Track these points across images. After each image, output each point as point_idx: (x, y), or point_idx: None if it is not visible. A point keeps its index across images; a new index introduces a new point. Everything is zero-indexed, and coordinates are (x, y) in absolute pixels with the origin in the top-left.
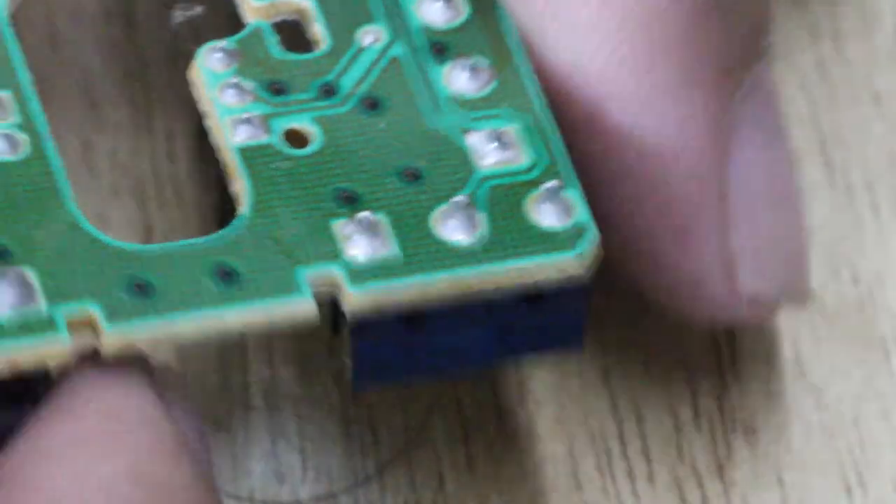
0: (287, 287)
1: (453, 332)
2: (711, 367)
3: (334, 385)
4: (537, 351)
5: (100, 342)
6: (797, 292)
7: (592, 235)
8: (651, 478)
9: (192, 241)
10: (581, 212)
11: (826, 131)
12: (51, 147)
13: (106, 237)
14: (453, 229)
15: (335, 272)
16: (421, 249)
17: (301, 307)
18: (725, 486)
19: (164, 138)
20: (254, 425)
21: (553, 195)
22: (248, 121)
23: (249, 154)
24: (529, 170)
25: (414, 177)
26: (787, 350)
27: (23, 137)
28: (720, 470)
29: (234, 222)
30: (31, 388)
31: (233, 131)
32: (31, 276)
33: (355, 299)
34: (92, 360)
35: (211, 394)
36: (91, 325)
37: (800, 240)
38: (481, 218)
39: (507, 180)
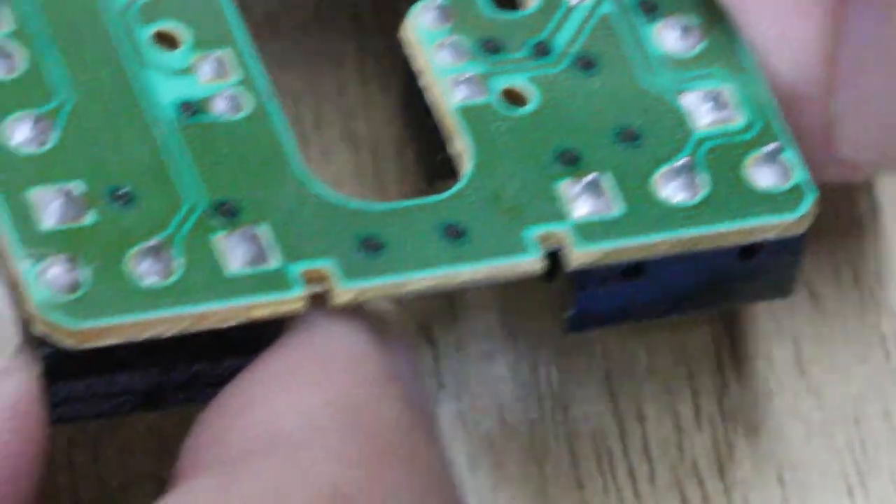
0: (516, 247)
1: (670, 281)
2: (712, 367)
3: None
4: (749, 299)
5: (331, 297)
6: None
7: (813, 196)
8: (652, 477)
9: (420, 199)
10: (800, 172)
11: None
12: (274, 105)
13: (334, 195)
14: (675, 190)
15: (562, 231)
16: (643, 210)
17: (528, 265)
18: (726, 486)
19: None
20: None
21: (773, 157)
22: (466, 80)
23: (470, 114)
24: (746, 130)
25: (632, 137)
26: (787, 349)
27: (245, 96)
28: (721, 469)
29: (460, 182)
30: (263, 337)
31: (452, 91)
32: (264, 234)
33: (581, 258)
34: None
35: None
36: (323, 281)
37: None
38: (702, 179)
39: (724, 141)
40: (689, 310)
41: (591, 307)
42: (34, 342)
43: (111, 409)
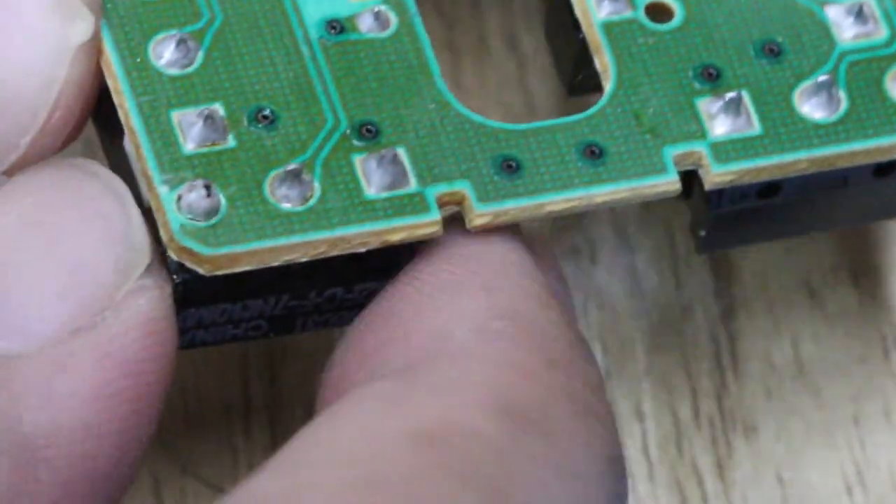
0: (654, 167)
1: (805, 200)
2: (711, 367)
3: None
4: (880, 217)
5: (468, 219)
6: None
7: None
8: (651, 477)
9: (560, 119)
10: None
11: None
12: (419, 23)
13: (475, 115)
14: (815, 107)
15: (700, 150)
16: (783, 128)
17: (666, 185)
18: (725, 485)
19: None
20: (254, 422)
21: None
22: None
23: (613, 29)
24: (888, 44)
25: (774, 52)
26: (787, 349)
27: (391, 14)
28: (720, 469)
29: (601, 100)
30: (398, 260)
31: (598, 6)
32: (403, 155)
33: (719, 178)
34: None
35: (211, 392)
36: (461, 203)
37: None
38: (842, 95)
39: (865, 55)
40: (822, 228)
41: (725, 226)
42: (171, 267)
43: (243, 335)
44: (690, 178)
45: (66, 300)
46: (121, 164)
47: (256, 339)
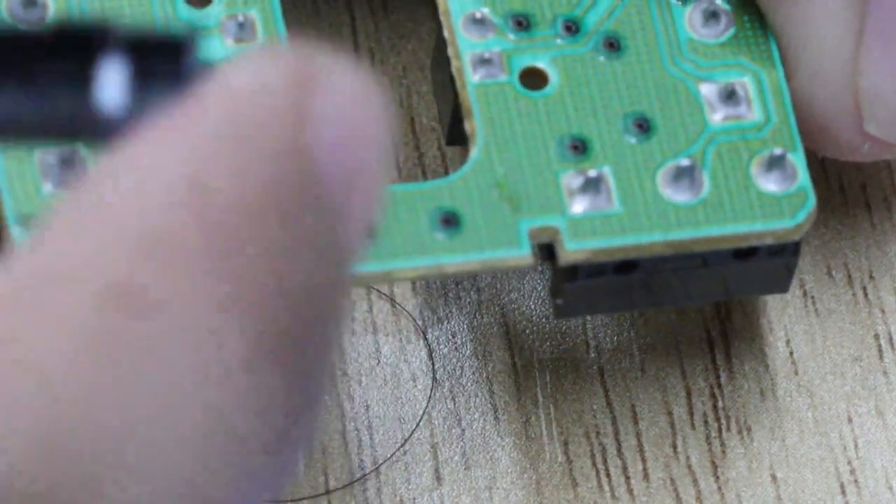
0: (509, 241)
1: (661, 277)
2: (706, 366)
3: (331, 384)
4: (743, 294)
5: None
6: None
7: (812, 203)
8: (646, 475)
9: (421, 183)
10: (803, 177)
11: None
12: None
13: None
14: (677, 190)
15: (556, 226)
16: (642, 208)
17: (518, 259)
18: (720, 484)
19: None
20: None
21: (779, 161)
22: (488, 60)
23: (485, 92)
24: (759, 128)
25: (643, 128)
26: (781, 348)
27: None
28: (714, 467)
29: (463, 166)
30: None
31: (472, 68)
32: None
33: (573, 255)
34: None
35: None
36: None
37: None
38: (705, 178)
39: (734, 138)
40: (680, 303)
41: (581, 297)
42: None
43: None
44: (551, 248)
45: None
46: None
47: None
